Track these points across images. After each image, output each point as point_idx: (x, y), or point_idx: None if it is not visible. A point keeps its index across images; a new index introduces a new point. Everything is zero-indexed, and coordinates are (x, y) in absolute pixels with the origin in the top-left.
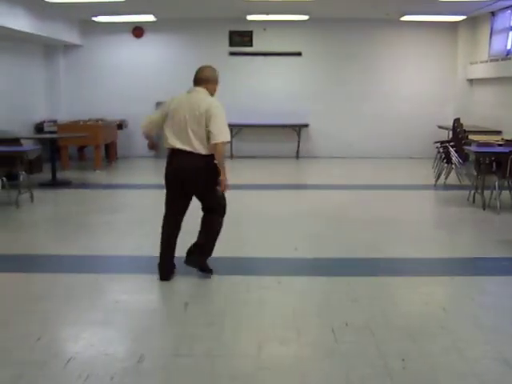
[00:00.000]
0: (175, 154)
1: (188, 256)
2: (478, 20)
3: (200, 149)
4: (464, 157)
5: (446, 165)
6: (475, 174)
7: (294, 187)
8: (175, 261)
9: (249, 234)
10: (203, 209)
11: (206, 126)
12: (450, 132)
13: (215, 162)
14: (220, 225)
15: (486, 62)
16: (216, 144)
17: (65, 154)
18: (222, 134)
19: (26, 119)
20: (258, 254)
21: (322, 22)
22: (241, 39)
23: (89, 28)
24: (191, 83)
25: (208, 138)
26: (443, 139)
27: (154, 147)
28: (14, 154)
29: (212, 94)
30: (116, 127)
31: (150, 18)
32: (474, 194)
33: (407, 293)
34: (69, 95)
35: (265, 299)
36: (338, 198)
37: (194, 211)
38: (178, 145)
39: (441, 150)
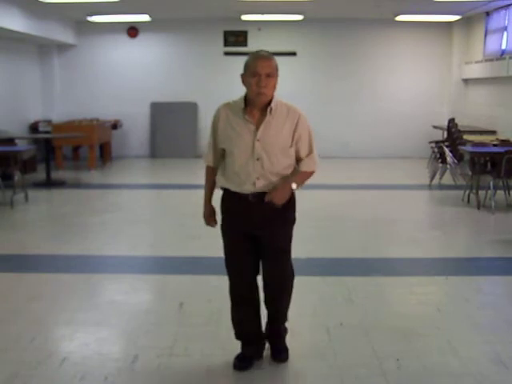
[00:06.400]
0: None
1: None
2: (473, 20)
3: None
4: (459, 157)
5: (440, 165)
6: (470, 173)
7: None
8: None
9: None
10: None
11: None
12: (445, 132)
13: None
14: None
15: (481, 61)
16: None
17: (59, 154)
18: None
19: (20, 119)
20: None
21: (317, 21)
22: (235, 39)
23: (83, 28)
24: (186, 83)
25: None
26: (438, 139)
27: None
28: (9, 153)
29: (247, 92)
30: (110, 127)
31: (145, 17)
32: (469, 193)
33: (402, 293)
34: (63, 95)
35: (260, 299)
36: (332, 197)
37: None
38: None
39: (436, 150)
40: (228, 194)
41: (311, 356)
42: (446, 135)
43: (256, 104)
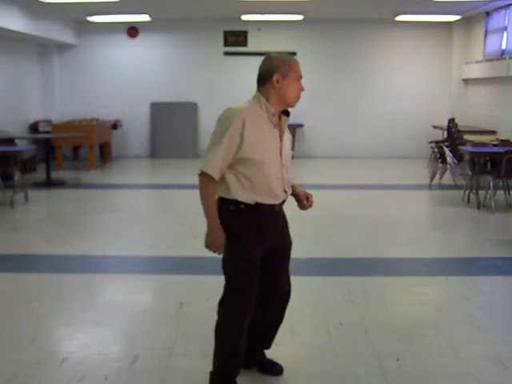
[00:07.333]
0: None
1: None
2: (473, 20)
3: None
4: (459, 157)
5: (440, 165)
6: (470, 173)
7: None
8: None
9: None
10: None
11: None
12: (445, 132)
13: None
14: (221, 323)
15: (481, 61)
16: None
17: (59, 154)
18: (203, 161)
19: (20, 119)
20: None
21: (317, 21)
22: (235, 39)
23: (83, 28)
24: (186, 83)
25: None
26: (438, 139)
27: None
28: (9, 153)
29: (278, 102)
30: (110, 127)
31: (145, 17)
32: (469, 193)
33: (402, 293)
34: (63, 95)
35: None
36: (332, 197)
37: None
38: None
39: (436, 150)
40: (257, 210)
41: (311, 356)
42: (446, 135)
43: (284, 108)
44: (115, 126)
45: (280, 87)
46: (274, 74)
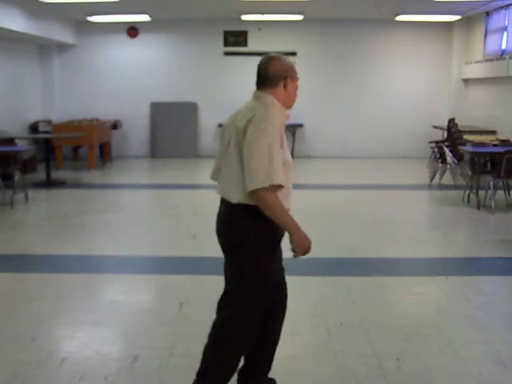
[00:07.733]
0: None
1: None
2: (473, 20)
3: (232, 194)
4: (459, 157)
5: (440, 165)
6: (470, 173)
7: None
8: None
9: None
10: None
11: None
12: (445, 132)
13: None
14: (231, 335)
15: (481, 61)
16: (254, 194)
17: (59, 154)
18: (259, 176)
19: (20, 119)
20: None
21: (317, 21)
22: (235, 39)
23: (83, 28)
24: (186, 83)
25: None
26: (438, 139)
27: None
28: (9, 153)
29: (284, 103)
30: (110, 127)
31: (145, 17)
32: (469, 193)
33: (402, 293)
34: (63, 95)
35: None
36: (332, 197)
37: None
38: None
39: (436, 150)
40: None
41: (311, 356)
42: (446, 135)
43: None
44: (115, 126)
45: (289, 90)
46: (287, 77)
